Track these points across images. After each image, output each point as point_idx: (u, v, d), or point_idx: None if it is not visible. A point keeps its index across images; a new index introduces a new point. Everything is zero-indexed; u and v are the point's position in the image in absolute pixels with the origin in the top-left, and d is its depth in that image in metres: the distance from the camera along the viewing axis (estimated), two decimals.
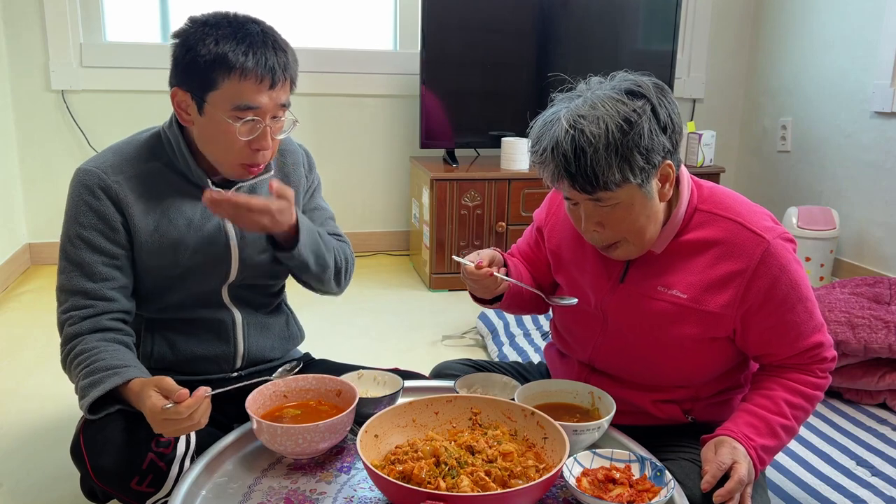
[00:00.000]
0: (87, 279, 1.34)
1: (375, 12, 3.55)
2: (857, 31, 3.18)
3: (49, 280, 3.10)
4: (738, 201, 1.29)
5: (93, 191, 1.35)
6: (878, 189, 3.10)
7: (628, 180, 1.15)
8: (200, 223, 1.40)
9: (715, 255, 1.24)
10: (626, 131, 1.13)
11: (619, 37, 3.40)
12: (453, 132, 3.32)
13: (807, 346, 1.27)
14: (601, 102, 1.15)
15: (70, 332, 1.32)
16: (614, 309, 1.32)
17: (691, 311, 1.25)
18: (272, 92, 1.28)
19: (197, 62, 1.25)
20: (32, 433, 1.89)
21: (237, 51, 1.25)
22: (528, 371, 1.59)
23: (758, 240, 1.22)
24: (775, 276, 1.22)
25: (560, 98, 1.23)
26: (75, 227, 1.36)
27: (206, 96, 1.28)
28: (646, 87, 1.17)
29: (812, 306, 1.27)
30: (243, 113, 1.27)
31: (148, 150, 1.39)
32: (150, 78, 3.22)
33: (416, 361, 2.22)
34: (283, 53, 1.30)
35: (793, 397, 1.27)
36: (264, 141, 1.31)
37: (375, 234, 3.68)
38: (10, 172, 3.15)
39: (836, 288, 2.31)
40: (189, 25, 1.29)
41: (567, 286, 1.41)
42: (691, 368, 1.32)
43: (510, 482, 1.04)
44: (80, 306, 1.33)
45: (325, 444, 1.19)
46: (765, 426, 1.24)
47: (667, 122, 1.17)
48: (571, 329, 1.42)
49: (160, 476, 1.27)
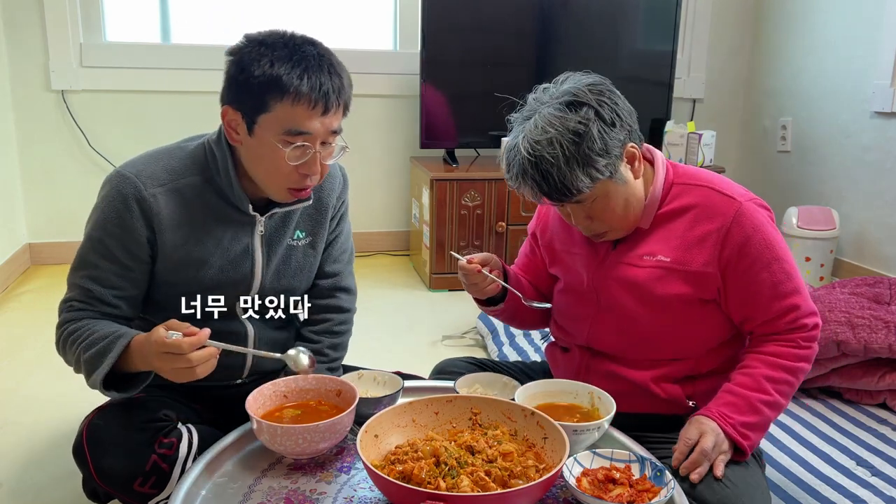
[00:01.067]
0: (95, 283, 1.33)
1: (375, 12, 3.56)
2: (857, 31, 3.17)
3: (49, 280, 3.11)
4: (709, 174, 1.38)
5: (126, 201, 1.30)
6: (878, 189, 3.10)
7: (597, 178, 1.25)
8: (229, 245, 1.37)
9: (692, 217, 1.33)
10: (578, 143, 1.22)
11: (619, 37, 3.40)
12: (453, 132, 3.32)
13: (783, 307, 1.30)
14: (548, 124, 1.23)
15: (66, 317, 1.33)
16: (605, 283, 1.38)
17: (676, 272, 1.32)
18: (325, 118, 1.25)
19: (250, 83, 1.22)
20: (33, 433, 1.89)
21: (292, 74, 1.21)
22: (530, 370, 1.61)
23: (730, 201, 1.31)
24: (748, 233, 1.29)
25: (516, 119, 1.31)
26: (99, 232, 1.32)
27: (257, 118, 1.24)
28: (582, 94, 1.25)
29: (789, 268, 1.31)
30: (294, 138, 1.24)
31: (192, 163, 1.35)
32: (150, 78, 3.22)
33: (416, 361, 2.22)
34: (338, 78, 1.26)
35: (774, 372, 1.29)
36: (313, 167, 1.28)
37: (375, 233, 3.68)
38: (10, 172, 3.15)
39: (836, 288, 2.31)
40: (244, 44, 1.25)
41: (563, 275, 1.48)
42: (686, 336, 1.36)
43: (510, 482, 1.04)
44: (82, 302, 1.33)
45: (325, 444, 1.19)
46: (744, 403, 1.27)
47: (612, 117, 1.25)
48: (567, 312, 1.48)
49: (163, 477, 1.27)
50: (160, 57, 3.26)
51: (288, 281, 1.46)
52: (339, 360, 1.56)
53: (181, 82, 3.25)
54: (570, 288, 1.47)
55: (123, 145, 3.29)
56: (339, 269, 1.56)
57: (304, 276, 1.49)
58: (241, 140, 1.29)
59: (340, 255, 1.56)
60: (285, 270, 1.44)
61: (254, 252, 1.40)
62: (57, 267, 3.27)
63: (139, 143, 3.30)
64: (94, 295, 1.33)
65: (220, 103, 1.29)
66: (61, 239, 3.33)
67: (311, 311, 1.57)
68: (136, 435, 1.27)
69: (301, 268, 1.47)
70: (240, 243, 1.38)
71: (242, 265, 1.39)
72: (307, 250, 1.47)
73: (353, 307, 1.61)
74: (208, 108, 3.43)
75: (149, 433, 1.28)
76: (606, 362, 1.41)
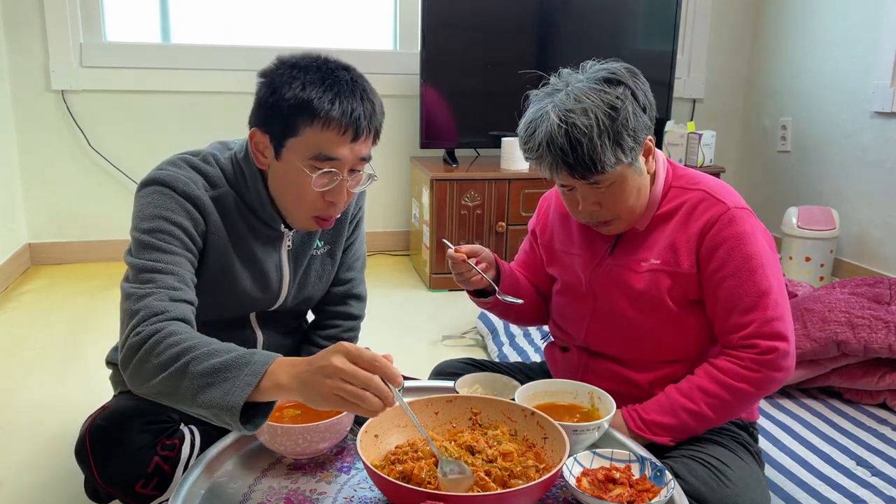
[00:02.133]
0: (165, 274, 1.16)
1: (375, 12, 3.56)
2: (857, 31, 3.18)
3: (49, 280, 3.11)
4: (709, 178, 1.38)
5: (175, 196, 1.22)
6: (878, 189, 3.10)
7: (621, 160, 1.24)
8: (262, 259, 1.35)
9: (681, 218, 1.33)
10: (614, 117, 1.22)
11: (619, 37, 3.40)
12: (453, 132, 3.32)
13: (740, 322, 1.27)
14: (584, 94, 1.22)
15: (155, 307, 1.11)
16: (601, 284, 1.39)
17: (667, 273, 1.32)
18: (354, 144, 1.21)
19: (280, 105, 1.18)
20: (33, 433, 1.89)
21: (324, 98, 1.17)
22: (530, 370, 1.61)
23: (719, 204, 1.30)
24: (724, 237, 1.28)
25: (538, 95, 1.29)
26: (155, 221, 1.20)
27: (285, 142, 1.21)
28: (620, 73, 1.26)
29: (763, 285, 1.26)
30: (321, 164, 1.20)
31: (224, 175, 1.30)
32: (150, 78, 3.23)
33: (416, 361, 2.22)
34: (370, 104, 1.22)
35: (709, 384, 1.28)
36: (339, 195, 1.24)
37: (375, 233, 3.68)
38: (10, 172, 3.15)
39: (836, 288, 2.31)
40: (276, 66, 1.21)
41: (560, 275, 1.48)
42: (682, 337, 1.35)
43: (510, 482, 1.04)
44: (167, 286, 1.15)
45: (325, 444, 1.19)
46: (668, 405, 1.30)
47: (645, 102, 1.26)
48: (565, 312, 1.48)
49: (165, 479, 1.27)
50: (160, 57, 3.25)
51: (308, 291, 1.46)
52: None
53: (181, 82, 3.26)
54: (567, 289, 1.47)
55: (123, 145, 3.30)
56: (353, 277, 1.56)
57: (322, 285, 1.49)
58: (268, 164, 1.25)
59: (354, 263, 1.56)
60: (306, 281, 1.44)
61: (282, 267, 1.39)
62: (57, 267, 3.27)
63: (139, 143, 3.35)
64: (168, 273, 1.17)
65: (249, 125, 1.25)
66: (61, 239, 3.33)
67: (322, 316, 1.58)
68: (139, 436, 1.27)
69: (320, 277, 1.47)
70: (270, 259, 1.36)
71: (272, 280, 1.38)
72: (325, 259, 1.47)
73: (362, 314, 1.61)
74: (208, 108, 3.46)
75: (151, 435, 1.28)
76: (605, 362, 1.41)
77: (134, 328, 1.08)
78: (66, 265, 3.31)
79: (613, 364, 1.40)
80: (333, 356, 0.95)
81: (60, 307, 2.80)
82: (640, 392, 1.38)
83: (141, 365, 1.06)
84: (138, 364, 1.06)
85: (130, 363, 1.07)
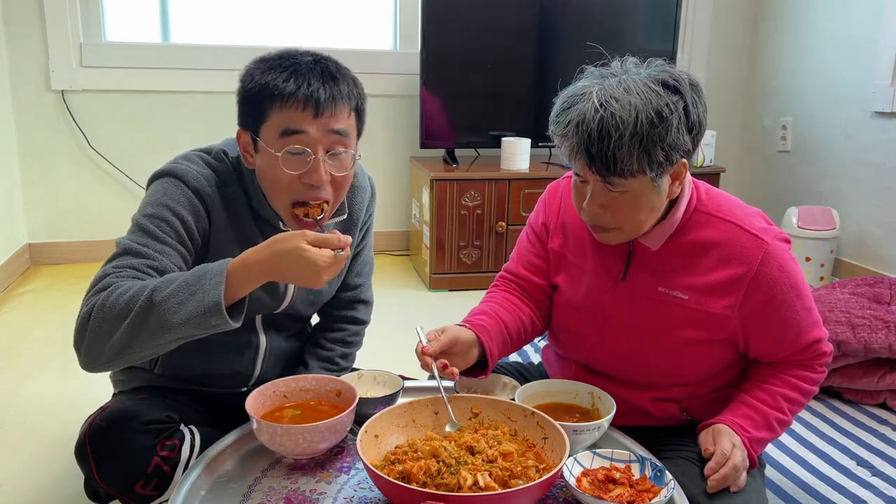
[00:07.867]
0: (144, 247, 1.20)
1: (375, 12, 3.55)
2: (857, 31, 3.18)
3: (49, 280, 3.10)
4: (733, 203, 1.30)
5: (184, 190, 1.26)
6: (878, 189, 3.10)
7: (644, 172, 1.14)
8: None
9: (716, 257, 1.25)
10: (655, 124, 1.12)
11: (619, 37, 3.40)
12: (453, 132, 3.32)
13: (807, 342, 1.29)
14: (636, 88, 1.13)
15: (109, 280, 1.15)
16: (614, 308, 1.32)
17: (693, 311, 1.26)
18: (319, 119, 1.21)
19: (248, 97, 1.24)
20: (33, 433, 1.89)
21: (279, 78, 1.21)
22: (529, 371, 1.60)
23: (757, 242, 1.23)
24: (775, 276, 1.23)
25: (591, 72, 1.20)
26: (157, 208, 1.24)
27: (259, 131, 1.24)
28: (682, 82, 1.16)
29: (810, 302, 1.29)
30: (288, 140, 1.21)
31: (233, 173, 1.33)
32: (150, 78, 3.22)
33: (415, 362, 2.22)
34: (332, 81, 1.23)
35: (790, 392, 1.29)
36: (315, 174, 1.22)
37: (375, 233, 3.65)
38: (10, 172, 3.15)
39: (836, 288, 2.31)
40: (248, 64, 1.27)
41: (566, 287, 1.39)
42: (689, 369, 1.32)
43: (510, 482, 1.04)
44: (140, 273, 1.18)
45: (325, 444, 1.19)
46: (762, 419, 1.27)
47: (695, 122, 1.16)
48: (568, 328, 1.42)
49: (165, 479, 1.27)
50: (160, 57, 3.25)
51: (315, 296, 1.46)
52: (347, 370, 1.57)
53: (181, 82, 3.26)
54: (573, 304, 1.38)
55: (123, 145, 3.29)
56: (361, 282, 1.57)
57: (330, 289, 1.50)
58: (254, 161, 1.28)
59: (363, 268, 1.57)
60: (316, 292, 1.44)
61: None
62: (57, 267, 3.27)
63: (139, 143, 3.35)
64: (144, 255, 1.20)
65: None
66: (61, 239, 3.33)
67: (328, 319, 1.58)
68: (139, 437, 1.27)
69: (329, 281, 1.46)
70: None
71: (277, 283, 1.37)
72: None
73: (368, 319, 1.62)
74: (208, 108, 3.45)
75: (151, 435, 1.28)
76: (603, 381, 1.35)
77: (84, 305, 1.13)
78: (66, 265, 3.30)
79: (613, 384, 1.34)
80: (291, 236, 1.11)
81: (60, 307, 2.80)
82: (636, 410, 1.35)
83: (98, 327, 1.10)
84: (94, 328, 1.10)
85: (85, 333, 1.11)
